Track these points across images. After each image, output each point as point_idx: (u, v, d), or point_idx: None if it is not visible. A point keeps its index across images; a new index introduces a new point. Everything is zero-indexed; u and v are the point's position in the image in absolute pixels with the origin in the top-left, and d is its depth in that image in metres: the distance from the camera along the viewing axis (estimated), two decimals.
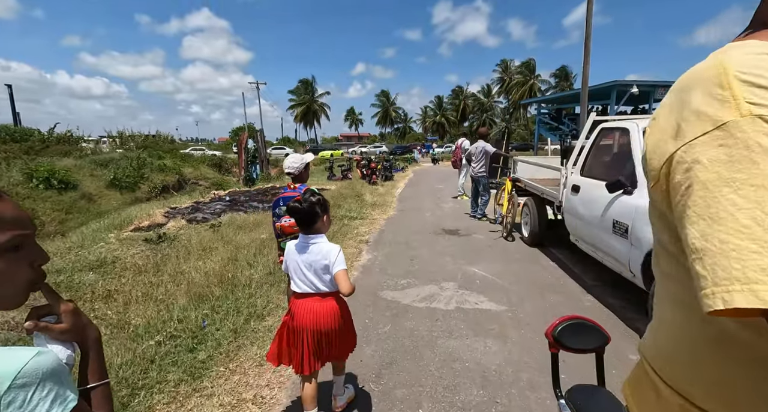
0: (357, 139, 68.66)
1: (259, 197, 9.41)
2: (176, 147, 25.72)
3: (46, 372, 0.51)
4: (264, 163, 13.61)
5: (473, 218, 7.14)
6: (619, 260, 2.92)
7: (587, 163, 3.71)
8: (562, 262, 4.43)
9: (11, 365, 0.49)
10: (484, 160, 6.83)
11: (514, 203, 5.55)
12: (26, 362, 0.50)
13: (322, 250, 1.72)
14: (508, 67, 56.22)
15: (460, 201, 9.49)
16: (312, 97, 61.40)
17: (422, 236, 5.80)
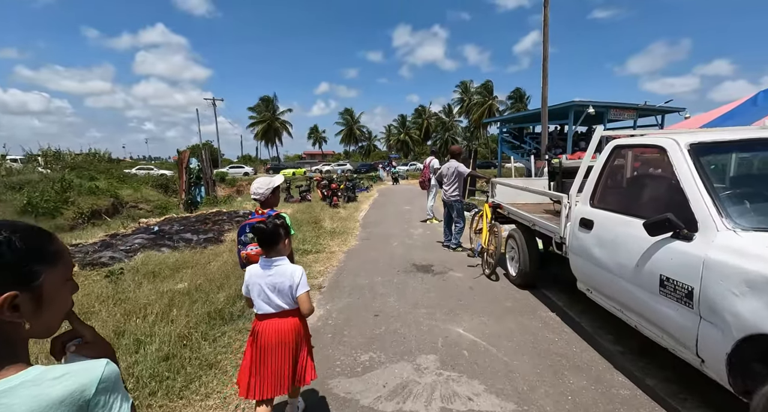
0: (321, 158, 67.38)
1: (196, 226, 7.96)
2: (113, 166, 23.13)
3: (115, 377, 0.67)
4: (209, 184, 12.08)
5: (446, 248, 6.21)
6: (674, 336, 2.02)
7: (600, 190, 2.87)
8: (564, 312, 3.53)
9: (93, 375, 0.63)
10: (458, 183, 5.98)
11: (496, 234, 4.68)
12: (102, 371, 0.64)
13: (286, 271, 1.80)
14: (468, 88, 58.07)
15: (429, 226, 8.59)
16: (273, 114, 59.74)
17: (389, 276, 4.75)
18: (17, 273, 0.63)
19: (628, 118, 22.93)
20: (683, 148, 2.17)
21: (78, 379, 0.61)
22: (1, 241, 0.62)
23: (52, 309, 0.68)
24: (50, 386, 0.59)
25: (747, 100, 6.97)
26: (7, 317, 0.61)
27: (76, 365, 0.65)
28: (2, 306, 0.60)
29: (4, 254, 0.62)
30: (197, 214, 10.51)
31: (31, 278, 0.65)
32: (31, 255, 0.65)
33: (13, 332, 0.63)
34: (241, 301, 3.65)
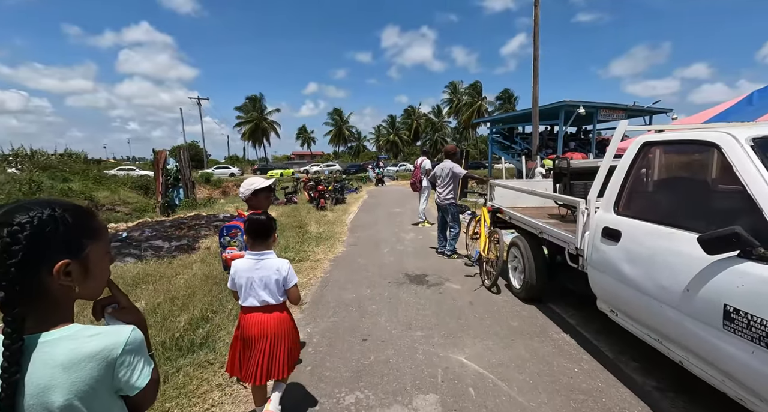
0: (310, 158, 66.51)
1: (169, 232, 7.34)
2: (90, 167, 22.08)
3: (139, 342, 0.77)
4: (189, 186, 11.40)
5: (441, 255, 5.76)
6: (746, 385, 1.59)
7: (627, 195, 2.44)
8: (578, 333, 3.10)
9: (120, 337, 0.74)
10: (453, 185, 5.53)
11: (496, 242, 4.25)
12: (129, 335, 0.75)
13: (273, 265, 1.86)
14: (457, 89, 58.01)
15: (421, 229, 8.14)
16: (261, 114, 58.66)
17: (380, 289, 4.26)
18: (69, 245, 0.74)
19: (617, 118, 22.92)
20: (744, 144, 1.75)
21: (108, 339, 0.73)
22: (57, 217, 0.72)
23: (95, 276, 0.79)
24: (85, 342, 0.71)
25: (742, 99, 6.71)
26: (61, 281, 0.72)
27: (108, 328, 0.77)
28: (58, 272, 0.71)
29: (59, 228, 0.72)
30: (174, 218, 9.85)
31: (80, 249, 0.76)
32: (79, 230, 0.76)
33: (65, 294, 0.75)
34: (207, 324, 3.12)
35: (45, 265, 0.70)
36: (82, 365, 0.68)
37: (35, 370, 0.66)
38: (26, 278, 0.68)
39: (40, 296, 0.71)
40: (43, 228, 0.70)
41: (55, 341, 0.69)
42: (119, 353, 0.72)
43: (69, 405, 0.66)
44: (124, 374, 0.74)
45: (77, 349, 0.69)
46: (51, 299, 0.72)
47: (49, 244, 0.71)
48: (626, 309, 2.36)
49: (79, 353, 0.69)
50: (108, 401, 0.74)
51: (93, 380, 0.69)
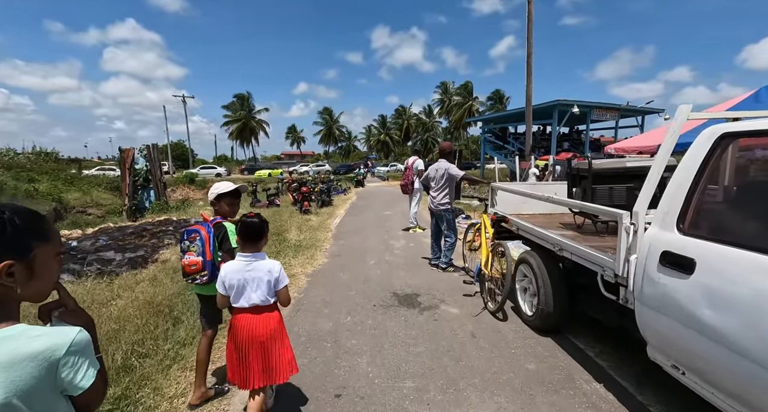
0: (300, 158, 65.42)
1: (127, 241, 6.48)
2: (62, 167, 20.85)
3: (85, 343, 0.78)
4: (159, 187, 10.49)
5: (435, 267, 5.05)
6: None
7: (698, 206, 1.76)
8: (615, 382, 2.41)
9: (66, 338, 0.74)
10: (448, 188, 4.83)
11: (501, 255, 3.56)
12: (75, 336, 0.75)
13: (265, 266, 1.85)
14: (448, 89, 57.59)
15: (413, 236, 7.43)
16: (249, 113, 57.34)
17: (363, 315, 3.53)
18: (14, 246, 0.76)
19: (611, 118, 22.62)
20: None
21: (52, 339, 0.73)
22: (5, 219, 0.75)
23: (41, 278, 0.80)
24: (28, 342, 0.71)
25: (749, 96, 6.18)
26: (3, 282, 0.74)
27: (54, 329, 0.77)
28: (0, 272, 0.73)
29: (6, 229, 0.74)
30: (141, 222, 8.96)
31: (26, 250, 0.77)
32: (27, 232, 0.77)
33: (7, 294, 0.76)
34: (127, 378, 2.34)
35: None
36: (22, 365, 0.69)
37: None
38: None
39: None
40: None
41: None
42: (62, 353, 0.73)
43: (8, 403, 0.68)
44: (68, 374, 0.75)
45: (18, 349, 0.70)
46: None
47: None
48: (703, 370, 1.67)
49: (19, 353, 0.70)
50: (51, 400, 0.75)
51: (33, 379, 0.70)
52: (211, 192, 2.22)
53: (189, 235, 2.10)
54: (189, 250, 2.08)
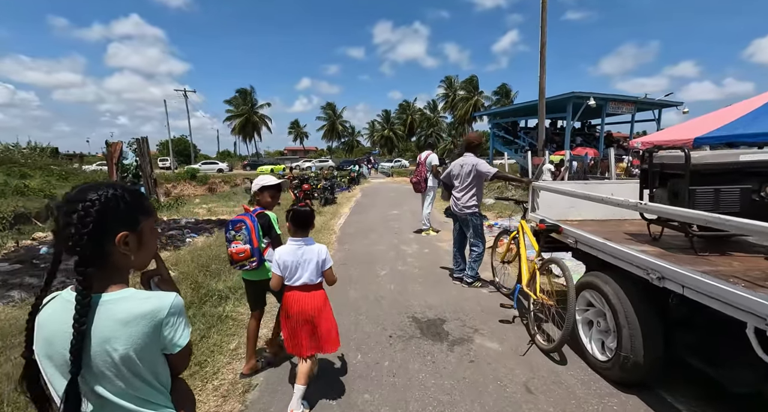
0: (303, 153, 64.63)
1: None
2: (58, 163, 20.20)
3: (181, 307, 0.89)
4: (150, 184, 9.74)
5: (458, 281, 4.27)
6: None
7: None
8: None
9: (166, 301, 0.85)
10: (476, 188, 4.02)
11: (547, 272, 2.77)
12: (173, 300, 0.87)
13: (314, 249, 2.08)
14: (453, 84, 56.39)
15: (426, 239, 6.64)
16: (251, 108, 56.51)
17: (376, 352, 2.76)
18: (128, 219, 0.87)
19: (627, 111, 21.60)
20: None
21: (157, 301, 0.85)
22: (118, 196, 0.86)
23: (146, 248, 0.92)
24: (140, 303, 0.83)
25: None
26: (121, 250, 0.85)
27: (157, 292, 0.90)
28: (119, 241, 0.84)
29: (120, 205, 0.86)
30: None
31: (136, 223, 0.89)
32: (136, 207, 0.89)
33: (122, 261, 0.88)
34: None
35: (109, 235, 0.83)
36: (136, 322, 0.80)
37: (100, 323, 0.79)
38: (95, 245, 0.81)
39: (103, 262, 0.83)
40: (108, 204, 0.83)
41: (116, 301, 0.82)
42: (165, 314, 0.84)
43: (126, 355, 0.80)
44: (169, 333, 0.85)
45: (133, 308, 0.81)
46: (111, 265, 0.86)
47: (113, 217, 0.84)
48: None
49: (134, 312, 0.81)
50: (155, 356, 0.86)
51: (144, 335, 0.81)
52: (255, 183, 2.42)
53: (234, 225, 2.26)
54: (235, 239, 2.24)
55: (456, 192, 4.16)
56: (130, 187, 0.91)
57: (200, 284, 4.01)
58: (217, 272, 4.41)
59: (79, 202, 0.80)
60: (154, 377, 0.87)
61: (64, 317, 0.77)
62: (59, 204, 0.82)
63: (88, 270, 0.78)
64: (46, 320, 0.81)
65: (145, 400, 0.85)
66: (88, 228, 0.79)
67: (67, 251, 0.80)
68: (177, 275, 4.22)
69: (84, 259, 0.78)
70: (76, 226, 0.78)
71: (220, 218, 9.06)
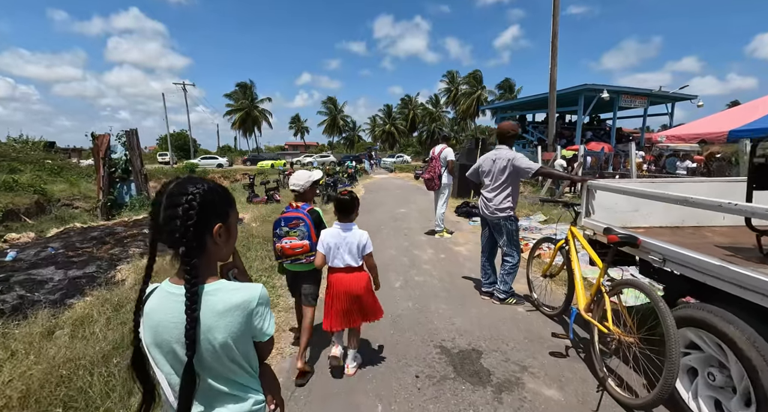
0: (304, 148, 63.81)
1: (81, 250, 5.09)
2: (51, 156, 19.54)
3: (267, 297, 0.91)
4: (140, 180, 9.09)
5: (488, 297, 3.63)
6: None
7: None
8: None
9: (255, 293, 0.88)
10: (512, 187, 3.37)
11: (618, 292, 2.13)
12: (261, 291, 0.89)
13: (356, 234, 2.26)
14: (455, 78, 55.41)
15: (440, 242, 6.00)
16: (252, 102, 55.67)
17: (402, 402, 2.12)
18: (221, 211, 0.89)
19: (639, 105, 20.83)
20: None
21: (246, 293, 0.87)
22: (213, 189, 0.89)
23: (232, 239, 0.95)
24: (233, 294, 0.86)
25: None
26: (217, 241, 0.88)
27: (244, 284, 0.92)
28: (216, 232, 0.86)
29: (215, 199, 0.88)
30: (116, 222, 7.60)
31: (226, 216, 0.91)
32: (225, 200, 0.92)
33: (216, 252, 0.90)
34: None
35: (209, 227, 0.86)
36: (231, 312, 0.84)
37: (203, 313, 0.82)
38: (197, 236, 0.83)
39: (202, 253, 0.85)
40: (207, 197, 0.85)
41: (213, 292, 0.85)
42: (255, 304, 0.87)
43: (225, 343, 0.84)
44: (259, 322, 0.89)
45: (228, 299, 0.85)
46: (207, 256, 0.88)
47: (211, 210, 0.86)
48: None
49: (229, 303, 0.84)
50: (248, 343, 0.90)
51: (239, 324, 0.85)
52: (304, 180, 2.43)
53: (289, 222, 2.33)
54: (288, 235, 2.32)
55: (486, 192, 3.50)
56: (216, 183, 0.93)
57: None
58: None
59: (182, 196, 0.83)
60: (247, 362, 0.92)
61: (168, 307, 0.83)
62: (157, 199, 0.85)
63: (193, 261, 0.81)
64: (153, 310, 0.85)
65: (239, 384, 0.90)
66: (193, 220, 0.81)
67: (170, 244, 0.83)
68: None
69: (190, 250, 0.81)
70: (182, 219, 0.81)
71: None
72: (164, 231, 0.82)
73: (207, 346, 0.82)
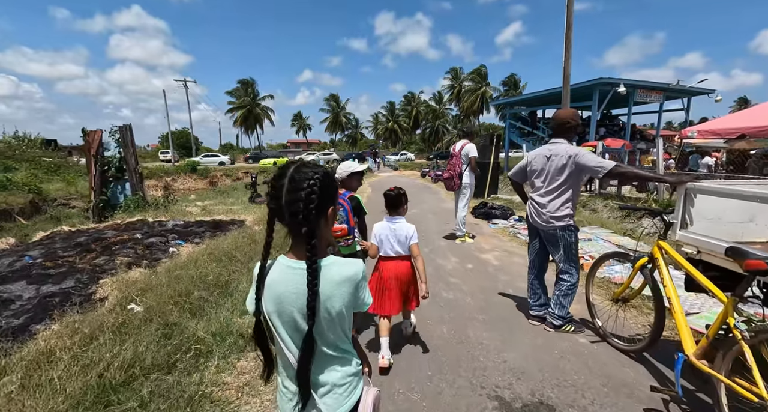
0: (306, 146, 63.23)
1: (66, 257, 4.50)
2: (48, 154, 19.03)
3: (365, 272, 0.99)
4: (135, 179, 8.50)
5: (537, 321, 3.01)
6: None
7: None
8: None
9: (359, 267, 0.96)
10: (572, 190, 2.74)
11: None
12: (362, 266, 0.98)
13: (404, 227, 2.47)
14: (458, 75, 54.55)
15: (462, 249, 5.39)
16: (253, 99, 55.03)
17: None
18: (332, 195, 0.95)
19: (654, 100, 20.05)
20: None
21: (353, 267, 0.95)
22: (327, 174, 0.95)
23: (333, 222, 1.00)
24: (343, 268, 0.94)
25: None
26: (328, 222, 0.96)
27: (348, 259, 0.97)
28: (329, 215, 0.95)
29: (330, 183, 0.94)
30: (108, 224, 7.02)
31: (335, 199, 0.98)
32: (335, 185, 0.98)
33: (327, 234, 0.97)
34: None
35: (324, 209, 0.92)
36: (345, 283, 0.93)
37: (322, 285, 0.90)
38: (316, 217, 0.89)
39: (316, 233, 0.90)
40: (325, 182, 0.92)
41: (328, 266, 0.93)
42: (360, 277, 0.96)
43: (340, 311, 0.93)
44: (361, 293, 0.98)
45: (342, 272, 0.93)
46: (320, 234, 0.93)
47: (327, 193, 0.92)
48: None
49: (343, 275, 0.93)
50: (350, 312, 0.98)
51: (349, 295, 0.94)
52: (343, 171, 2.65)
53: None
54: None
55: (538, 196, 2.87)
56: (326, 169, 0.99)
57: (173, 326, 2.78)
58: (199, 307, 3.17)
59: (304, 181, 0.89)
60: (348, 329, 1.00)
61: (289, 280, 0.91)
62: (278, 182, 0.90)
63: (314, 240, 0.88)
64: (274, 282, 0.93)
65: (342, 349, 0.99)
66: (314, 203, 0.88)
67: (291, 225, 0.91)
68: (142, 312, 2.99)
69: (311, 230, 0.88)
70: (304, 201, 0.87)
71: (215, 218, 7.81)
72: (285, 212, 0.89)
73: (325, 314, 0.92)
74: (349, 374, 0.99)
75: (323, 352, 0.94)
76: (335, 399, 0.96)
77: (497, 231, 6.80)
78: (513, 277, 4.22)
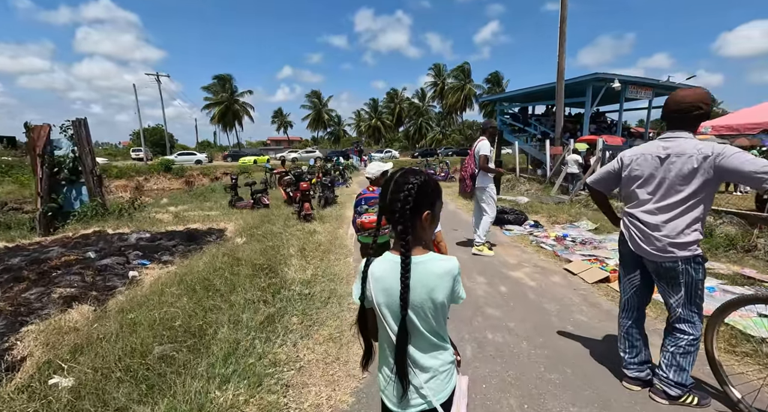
0: (287, 144, 61.37)
1: None
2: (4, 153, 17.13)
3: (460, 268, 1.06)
4: (93, 182, 7.25)
5: (636, 384, 2.18)
6: None
7: None
8: None
9: (456, 263, 1.04)
10: (702, 205, 1.92)
11: None
12: (457, 263, 1.05)
13: None
14: (441, 71, 53.98)
15: (486, 264, 4.56)
16: (231, 95, 52.75)
17: None
18: (430, 201, 1.05)
19: (644, 97, 19.90)
20: None
21: (451, 263, 1.04)
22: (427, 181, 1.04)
23: (435, 225, 1.09)
24: (442, 263, 1.03)
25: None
26: (424, 224, 1.04)
27: (446, 256, 1.08)
28: (425, 218, 1.03)
29: (428, 189, 1.04)
30: (57, 238, 5.82)
31: (433, 205, 1.06)
32: (434, 192, 1.07)
33: (423, 234, 1.06)
34: None
35: (420, 212, 1.02)
36: (446, 277, 1.02)
37: (425, 277, 1.00)
38: (412, 218, 1.01)
39: (413, 232, 1.01)
40: (422, 188, 1.02)
41: (427, 261, 1.02)
42: (456, 272, 1.04)
43: (442, 302, 1.01)
44: (457, 287, 1.06)
45: (442, 266, 1.02)
46: (417, 234, 1.04)
47: (423, 199, 1.02)
48: None
49: (444, 268, 1.02)
50: (448, 303, 1.05)
51: (449, 287, 1.02)
52: (376, 170, 2.87)
53: (368, 201, 2.80)
54: (368, 211, 2.79)
55: (646, 213, 2.02)
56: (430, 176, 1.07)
57: None
58: (160, 374, 2.18)
59: (405, 185, 1.01)
60: (446, 318, 1.09)
61: (395, 274, 0.99)
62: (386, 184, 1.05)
63: (408, 237, 0.99)
64: (383, 276, 1.03)
65: (440, 335, 1.07)
66: (410, 205, 0.99)
67: (392, 223, 1.03)
68: (68, 388, 1.99)
69: (406, 228, 0.99)
70: (402, 202, 0.99)
71: (190, 227, 6.70)
72: (388, 211, 1.02)
73: (429, 304, 1.01)
74: (448, 361, 1.09)
75: (429, 340, 1.05)
76: (438, 384, 1.06)
77: (515, 239, 6.02)
78: (563, 306, 3.40)
